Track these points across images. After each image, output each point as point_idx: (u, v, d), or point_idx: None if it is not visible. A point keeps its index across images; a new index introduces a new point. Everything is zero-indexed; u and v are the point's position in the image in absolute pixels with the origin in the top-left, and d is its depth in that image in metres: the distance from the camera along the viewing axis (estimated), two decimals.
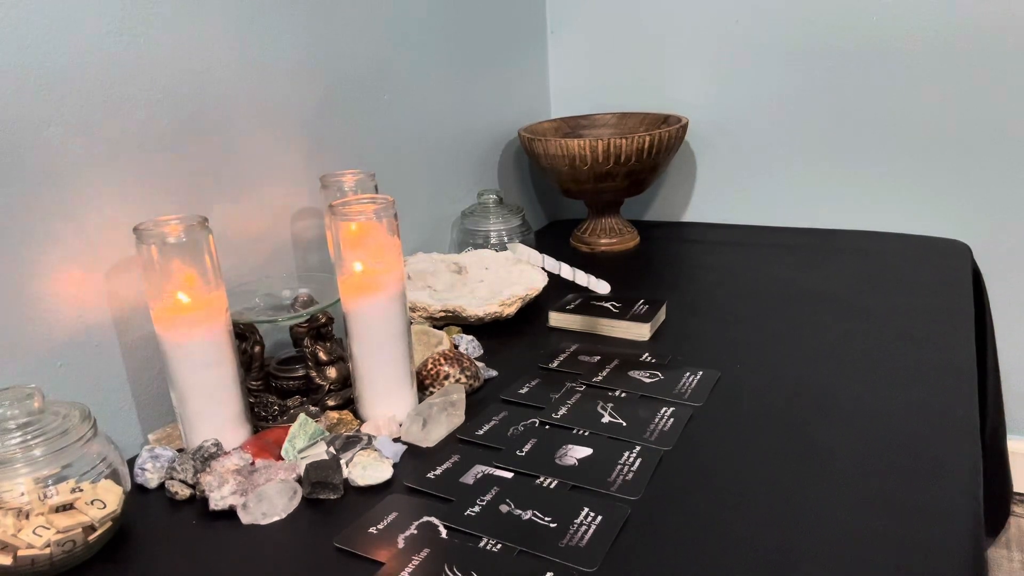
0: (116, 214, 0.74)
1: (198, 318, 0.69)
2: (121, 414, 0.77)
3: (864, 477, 0.63)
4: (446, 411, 0.75)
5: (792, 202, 1.36)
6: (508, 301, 0.98)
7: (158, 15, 0.76)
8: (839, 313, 0.97)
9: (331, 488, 0.66)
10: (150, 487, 0.69)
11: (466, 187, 1.29)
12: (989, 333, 1.18)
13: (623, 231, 1.32)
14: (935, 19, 1.18)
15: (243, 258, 0.89)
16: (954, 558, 0.53)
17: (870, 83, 1.24)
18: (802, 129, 1.32)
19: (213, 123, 0.83)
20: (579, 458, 0.69)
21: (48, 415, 0.60)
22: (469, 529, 0.60)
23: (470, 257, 1.11)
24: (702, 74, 1.37)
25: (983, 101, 1.18)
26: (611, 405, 0.77)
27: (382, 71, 1.06)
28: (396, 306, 0.75)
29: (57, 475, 0.58)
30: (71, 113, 0.69)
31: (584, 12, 1.43)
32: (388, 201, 0.74)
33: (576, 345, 0.92)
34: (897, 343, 0.87)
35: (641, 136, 1.18)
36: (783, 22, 1.27)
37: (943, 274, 1.08)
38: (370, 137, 1.06)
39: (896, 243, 1.22)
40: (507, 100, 1.38)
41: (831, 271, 1.12)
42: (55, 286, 0.70)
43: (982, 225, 1.23)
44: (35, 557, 0.56)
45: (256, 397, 0.80)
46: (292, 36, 0.91)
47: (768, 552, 0.55)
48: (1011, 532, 1.32)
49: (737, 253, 1.25)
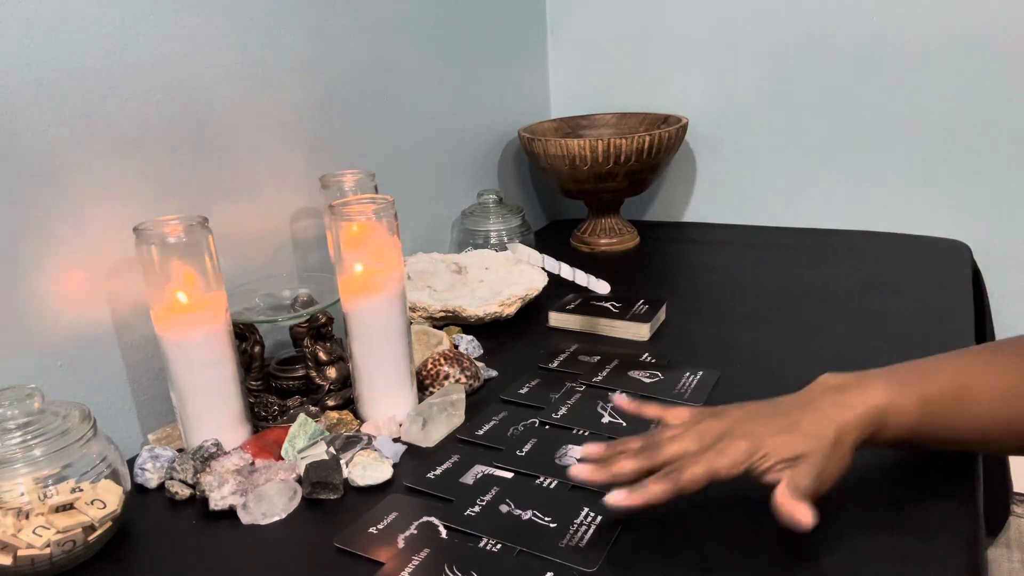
0: (116, 214, 0.74)
1: (198, 318, 0.69)
2: (121, 414, 0.77)
3: (863, 477, 0.63)
4: (446, 411, 0.75)
5: (792, 202, 1.36)
6: (508, 301, 0.98)
7: (158, 15, 0.76)
8: (839, 313, 0.97)
9: (331, 488, 0.66)
10: (150, 487, 0.69)
11: (466, 187, 1.29)
12: (989, 333, 1.18)
13: (623, 231, 1.32)
14: (935, 19, 1.18)
15: (243, 258, 0.89)
16: (953, 566, 0.53)
17: (870, 83, 1.24)
18: (802, 129, 1.31)
19: (213, 123, 0.83)
20: (578, 458, 0.69)
21: (48, 415, 0.60)
22: (469, 529, 0.60)
23: (470, 257, 1.11)
24: (702, 74, 1.37)
25: (983, 101, 1.18)
26: (611, 405, 0.77)
27: (382, 71, 1.06)
28: (396, 306, 0.75)
29: (57, 475, 0.58)
30: (71, 113, 0.69)
31: (584, 12, 1.43)
32: (388, 201, 0.74)
33: (576, 345, 0.92)
34: (897, 343, 0.87)
35: (641, 136, 1.18)
36: (783, 22, 1.27)
37: (943, 274, 1.08)
38: (370, 137, 1.06)
39: (896, 243, 1.22)
40: (507, 100, 1.38)
41: (831, 271, 1.12)
42: (55, 286, 0.70)
43: (982, 225, 1.23)
44: (35, 557, 0.56)
45: (256, 397, 0.80)
46: (292, 36, 0.91)
47: (768, 552, 0.55)
48: (1011, 532, 1.32)
49: (737, 253, 1.25)
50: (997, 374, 0.58)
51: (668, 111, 1.36)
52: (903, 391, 0.57)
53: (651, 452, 0.56)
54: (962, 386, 0.58)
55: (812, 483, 0.53)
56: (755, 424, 0.56)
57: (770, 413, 0.57)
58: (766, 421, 0.56)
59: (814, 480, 0.53)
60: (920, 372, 0.59)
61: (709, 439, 0.56)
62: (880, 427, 0.56)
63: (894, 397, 0.57)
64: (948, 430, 0.58)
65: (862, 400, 0.56)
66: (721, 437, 0.55)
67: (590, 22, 1.43)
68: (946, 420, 0.57)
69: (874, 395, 0.57)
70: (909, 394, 0.57)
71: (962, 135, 1.21)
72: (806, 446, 0.54)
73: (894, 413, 0.56)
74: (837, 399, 0.57)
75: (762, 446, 0.54)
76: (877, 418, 0.56)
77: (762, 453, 0.54)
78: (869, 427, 0.56)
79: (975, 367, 0.59)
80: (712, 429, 0.56)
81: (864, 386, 0.57)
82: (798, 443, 0.54)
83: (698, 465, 0.54)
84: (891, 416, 0.56)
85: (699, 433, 0.56)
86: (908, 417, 0.57)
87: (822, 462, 0.54)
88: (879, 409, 0.56)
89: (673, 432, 0.57)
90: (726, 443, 0.55)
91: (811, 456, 0.54)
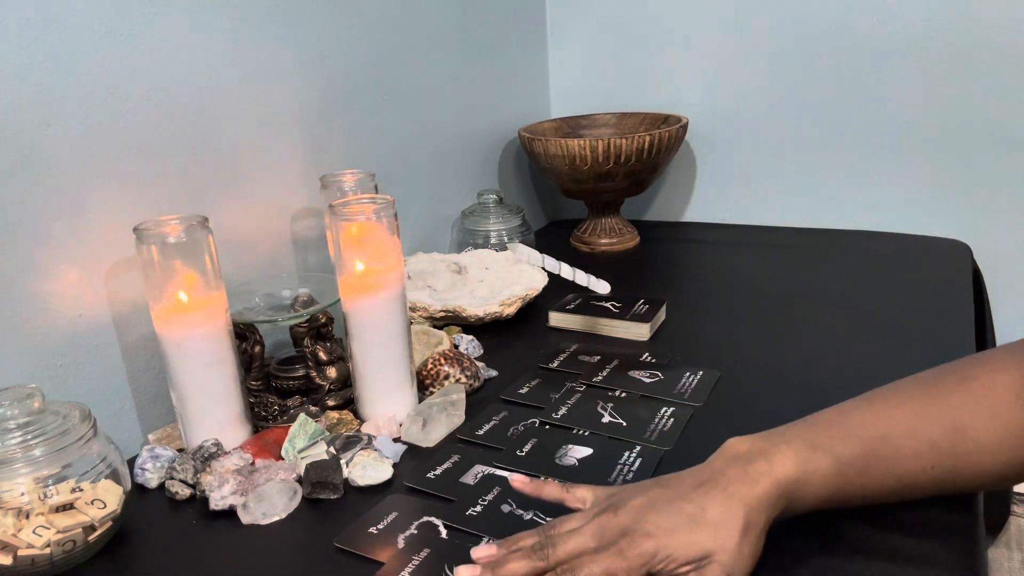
0: (116, 214, 0.74)
1: (198, 318, 0.69)
2: (121, 414, 0.77)
3: None
4: (446, 411, 0.75)
5: (792, 202, 1.36)
6: (508, 301, 0.98)
7: (158, 15, 0.76)
8: (839, 313, 0.97)
9: (331, 488, 0.66)
10: (150, 487, 0.69)
11: (466, 187, 1.29)
12: (989, 333, 1.18)
13: (623, 231, 1.32)
14: (935, 19, 1.18)
15: (243, 258, 0.89)
16: (953, 566, 0.53)
17: (870, 83, 1.24)
18: (802, 129, 1.31)
19: (213, 123, 0.83)
20: (579, 458, 0.69)
21: (48, 415, 0.60)
22: (470, 529, 0.60)
23: (470, 257, 1.11)
24: (702, 74, 1.37)
25: (984, 101, 1.18)
26: (611, 405, 0.77)
27: (382, 71, 1.06)
28: (396, 306, 0.75)
29: (57, 475, 0.58)
30: (71, 113, 0.69)
31: (584, 12, 1.43)
32: (388, 201, 0.74)
33: (576, 345, 0.92)
34: (897, 343, 0.87)
35: (641, 136, 1.18)
36: (783, 22, 1.27)
37: (943, 274, 1.08)
38: (370, 137, 1.06)
39: (896, 243, 1.22)
40: (507, 100, 1.38)
41: (831, 271, 1.12)
42: (55, 286, 0.70)
43: (982, 225, 1.23)
44: (35, 557, 0.56)
45: (256, 397, 0.80)
46: (292, 36, 0.91)
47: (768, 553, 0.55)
48: (1011, 532, 1.32)
49: (737, 253, 1.25)
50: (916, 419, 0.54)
51: (668, 111, 1.36)
52: (814, 455, 0.53)
53: (546, 551, 0.51)
54: (879, 437, 0.54)
55: None
56: (659, 517, 0.51)
57: (673, 498, 0.52)
58: (670, 510, 0.51)
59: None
60: (833, 427, 0.55)
61: (609, 535, 0.51)
62: (793, 499, 0.53)
63: (805, 463, 0.52)
64: (869, 489, 0.54)
65: (770, 472, 0.52)
66: (624, 533, 0.50)
67: (590, 22, 1.43)
68: (866, 480, 0.54)
69: (783, 465, 0.52)
70: (821, 457, 0.53)
71: (962, 135, 1.21)
72: (713, 543, 0.49)
73: (807, 481, 0.53)
74: (742, 473, 0.52)
75: (665, 546, 0.49)
76: (788, 490, 0.52)
77: (665, 554, 0.49)
78: (780, 500, 0.52)
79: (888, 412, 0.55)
80: (612, 524, 0.51)
81: (771, 455, 0.53)
82: (705, 540, 0.49)
83: (596, 566, 0.49)
84: (805, 484, 0.53)
85: (599, 528, 0.51)
86: (825, 482, 0.53)
87: (732, 559, 0.49)
88: (789, 480, 0.52)
89: (571, 526, 0.52)
90: (627, 542, 0.50)
91: (719, 554, 0.49)
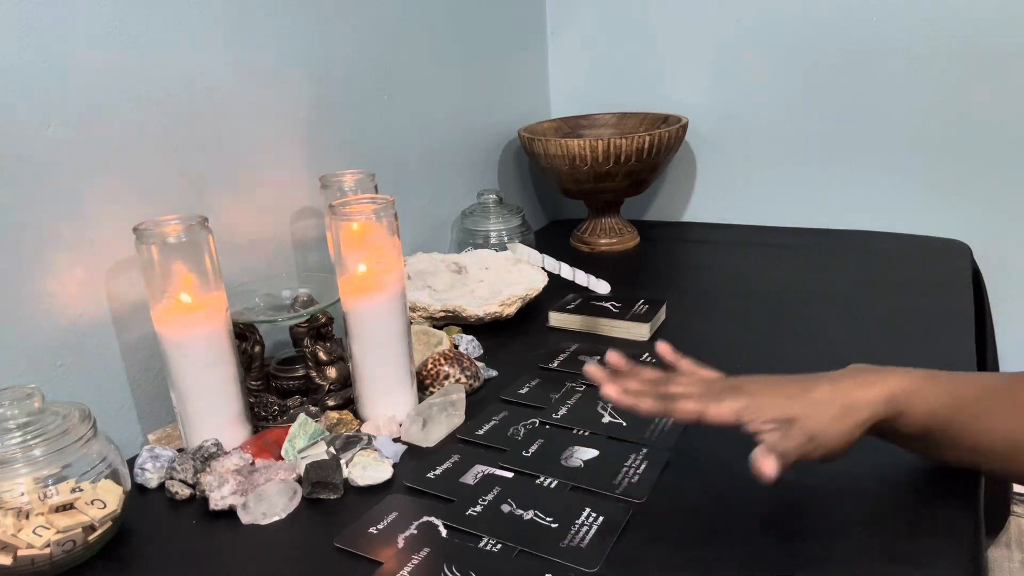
0: (116, 214, 0.74)
1: (198, 318, 0.69)
2: (121, 414, 0.77)
3: (864, 477, 0.63)
4: (446, 411, 0.75)
5: (792, 202, 1.36)
6: (508, 301, 0.98)
7: (158, 15, 0.76)
8: (839, 313, 0.97)
9: (331, 488, 0.66)
10: (150, 487, 0.69)
11: (466, 187, 1.29)
12: (989, 333, 1.18)
13: (623, 231, 1.32)
14: (935, 19, 1.18)
15: (243, 258, 0.89)
16: (953, 566, 0.53)
17: (870, 83, 1.24)
18: (802, 129, 1.31)
19: (213, 123, 0.83)
20: (585, 459, 0.69)
21: (48, 415, 0.60)
22: (470, 529, 0.60)
23: (470, 257, 1.11)
24: (702, 74, 1.37)
25: (983, 101, 1.18)
26: (611, 405, 0.77)
27: (382, 71, 1.06)
28: (396, 306, 0.75)
29: (57, 475, 0.58)
30: (71, 113, 0.69)
31: (584, 12, 1.43)
32: (388, 201, 0.74)
33: (576, 345, 0.92)
34: (897, 343, 0.87)
35: (641, 136, 1.18)
36: (783, 22, 1.27)
37: (943, 274, 1.08)
38: (370, 137, 1.06)
39: (896, 243, 1.22)
40: (507, 100, 1.38)
41: (831, 271, 1.12)
42: (55, 286, 0.70)
43: (982, 225, 1.23)
44: (35, 557, 0.56)
45: (256, 397, 0.80)
46: (292, 36, 0.91)
47: (768, 553, 0.55)
48: (1011, 532, 1.32)
49: (737, 253, 1.25)
50: None
51: (668, 111, 1.36)
52: (932, 382, 0.56)
53: (661, 385, 0.59)
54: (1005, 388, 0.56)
55: (796, 448, 0.54)
56: (764, 385, 0.57)
57: (787, 381, 0.58)
58: (777, 385, 0.57)
59: (799, 446, 0.54)
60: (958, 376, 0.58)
61: (716, 388, 0.57)
62: (900, 412, 0.56)
63: (920, 386, 0.56)
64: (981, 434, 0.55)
65: (884, 381, 0.56)
66: (727, 389, 0.57)
67: (590, 22, 1.43)
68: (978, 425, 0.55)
69: (898, 378, 0.56)
70: (939, 384, 0.56)
71: (963, 135, 1.21)
72: (802, 411, 0.54)
73: (922, 396, 0.55)
74: (859, 378, 0.57)
75: (758, 403, 0.55)
76: (898, 398, 0.55)
77: (755, 408, 0.55)
78: (887, 406, 0.55)
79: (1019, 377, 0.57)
80: (721, 384, 0.59)
81: (888, 372, 0.57)
82: (795, 407, 0.54)
83: (692, 402, 0.55)
84: (915, 402, 0.55)
85: (709, 383, 0.59)
86: (938, 402, 0.55)
87: (815, 429, 0.54)
88: (903, 391, 0.55)
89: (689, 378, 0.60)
90: (727, 394, 0.56)
91: (804, 421, 0.54)
